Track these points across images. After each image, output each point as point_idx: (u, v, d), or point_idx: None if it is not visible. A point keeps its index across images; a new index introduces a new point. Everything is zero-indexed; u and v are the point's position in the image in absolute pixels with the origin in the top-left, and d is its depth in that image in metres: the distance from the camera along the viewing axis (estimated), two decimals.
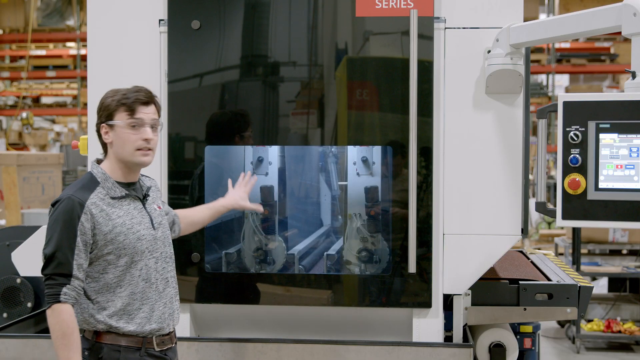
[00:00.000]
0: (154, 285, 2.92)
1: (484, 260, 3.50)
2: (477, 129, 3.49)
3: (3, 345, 3.64)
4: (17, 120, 16.36)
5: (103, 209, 2.82)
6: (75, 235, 2.77)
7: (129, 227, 2.86)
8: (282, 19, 3.54)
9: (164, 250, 2.98)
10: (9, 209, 8.65)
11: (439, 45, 3.48)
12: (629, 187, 3.01)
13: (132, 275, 2.87)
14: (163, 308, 2.94)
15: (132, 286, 2.86)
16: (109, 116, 2.88)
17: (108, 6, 3.64)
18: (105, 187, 2.87)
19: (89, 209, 2.79)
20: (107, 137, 2.89)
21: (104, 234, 2.81)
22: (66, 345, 2.74)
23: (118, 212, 2.86)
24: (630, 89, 2.94)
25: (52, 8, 16.05)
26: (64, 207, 2.79)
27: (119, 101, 2.87)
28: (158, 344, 2.91)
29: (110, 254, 2.83)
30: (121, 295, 2.85)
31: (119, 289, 2.85)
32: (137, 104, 2.88)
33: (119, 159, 2.91)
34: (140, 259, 2.88)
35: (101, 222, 2.81)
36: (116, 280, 2.85)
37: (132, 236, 2.86)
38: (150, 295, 2.90)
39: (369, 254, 3.74)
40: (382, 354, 3.44)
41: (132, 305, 2.86)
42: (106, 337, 2.85)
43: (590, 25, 3.04)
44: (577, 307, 3.64)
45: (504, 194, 3.48)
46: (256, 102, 3.56)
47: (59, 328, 2.75)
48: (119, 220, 2.85)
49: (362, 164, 3.91)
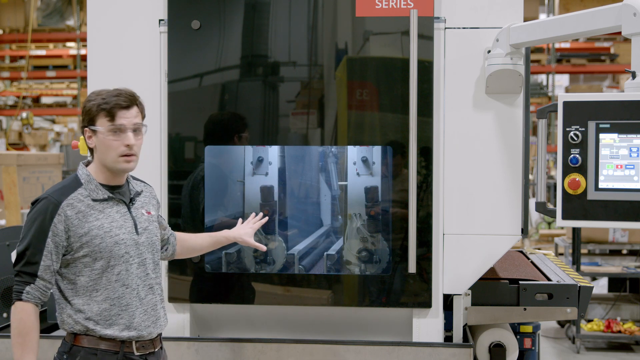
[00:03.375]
0: (135, 292, 2.85)
1: (484, 260, 3.50)
2: (477, 129, 3.49)
3: (3, 345, 3.64)
4: (17, 120, 16.36)
5: (80, 211, 2.78)
6: (46, 237, 2.75)
7: (107, 231, 2.80)
8: (282, 19, 3.54)
9: (148, 256, 2.91)
10: (9, 209, 8.65)
11: (439, 45, 3.48)
12: (629, 187, 3.01)
13: (108, 280, 2.81)
14: (143, 315, 2.87)
15: (108, 291, 2.80)
16: (91, 121, 2.82)
17: (108, 6, 3.64)
18: (88, 189, 2.83)
19: (63, 210, 2.76)
20: (90, 141, 2.85)
21: (79, 236, 2.77)
22: (21, 344, 2.73)
23: (97, 214, 2.81)
24: (630, 89, 2.94)
25: (52, 8, 16.06)
26: (40, 207, 2.78)
27: (99, 106, 2.80)
28: (138, 349, 2.85)
29: (86, 256, 2.78)
30: (97, 299, 2.80)
31: (95, 292, 2.80)
32: (117, 108, 2.79)
33: (101, 163, 2.86)
34: (117, 263, 2.81)
35: (76, 224, 2.77)
36: (92, 284, 2.80)
37: (110, 240, 2.80)
38: (130, 302, 2.84)
39: (369, 254, 3.74)
40: (382, 354, 3.44)
41: (111, 311, 2.80)
42: (84, 339, 2.80)
43: (590, 25, 3.04)
44: (577, 307, 3.64)
45: (504, 194, 3.48)
46: (256, 102, 3.56)
47: (17, 326, 2.74)
48: (97, 223, 2.79)
49: (362, 164, 3.91)
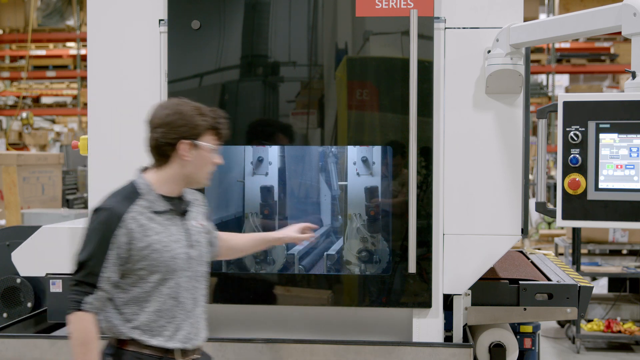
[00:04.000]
0: (183, 304, 2.84)
1: (484, 260, 3.50)
2: (477, 129, 3.49)
3: (3, 345, 3.64)
4: (17, 120, 16.36)
5: (142, 224, 2.75)
6: (108, 248, 2.70)
7: (165, 245, 2.78)
8: (282, 19, 3.54)
9: (197, 269, 2.90)
10: (9, 209, 8.65)
11: (439, 45, 3.48)
12: (629, 187, 3.01)
13: (160, 293, 2.79)
14: (189, 328, 2.86)
15: (159, 303, 2.79)
16: (195, 135, 2.78)
17: (108, 6, 3.64)
18: (148, 200, 2.79)
19: (125, 223, 2.72)
20: (186, 154, 2.78)
21: (139, 249, 2.74)
22: (84, 354, 2.70)
23: (157, 228, 2.78)
24: (630, 89, 2.94)
25: (52, 8, 16.06)
26: (104, 218, 2.73)
27: (211, 125, 2.82)
28: (181, 355, 2.84)
29: (143, 269, 2.76)
30: (147, 310, 2.78)
31: (146, 303, 2.78)
32: (223, 130, 2.87)
33: (185, 175, 2.82)
34: (171, 277, 2.80)
35: (137, 238, 2.73)
36: (144, 295, 2.78)
37: (167, 254, 2.78)
38: (177, 314, 2.82)
39: (369, 254, 3.74)
40: (382, 354, 3.44)
41: (157, 322, 2.79)
42: (130, 345, 2.78)
43: (590, 25, 3.04)
44: (577, 307, 3.64)
45: (504, 194, 3.48)
46: (256, 102, 3.55)
47: (79, 336, 2.71)
48: (156, 237, 2.77)
49: (362, 164, 3.91)
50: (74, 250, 2.80)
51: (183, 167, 2.81)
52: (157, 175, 2.83)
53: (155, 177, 2.83)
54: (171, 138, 2.77)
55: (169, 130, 2.76)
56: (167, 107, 2.82)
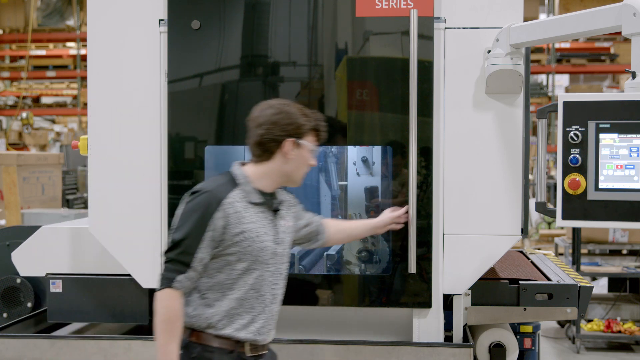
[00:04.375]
0: (262, 297, 2.89)
1: (484, 260, 3.49)
2: (477, 129, 3.49)
3: (3, 345, 3.64)
4: (17, 120, 16.37)
5: (238, 211, 2.81)
6: (205, 230, 2.76)
7: (257, 235, 2.84)
8: (282, 19, 3.54)
9: (279, 266, 2.95)
10: (9, 209, 8.65)
11: (439, 45, 3.48)
12: (629, 187, 3.01)
13: (245, 282, 2.84)
14: (264, 322, 2.90)
15: (242, 292, 2.84)
16: (300, 135, 2.89)
17: (108, 6, 3.64)
18: (244, 191, 2.86)
19: (224, 207, 2.79)
20: (290, 152, 2.88)
21: (233, 235, 2.80)
22: (168, 331, 2.73)
23: (251, 217, 2.84)
24: (630, 89, 2.94)
25: (52, 8, 16.06)
26: (203, 199, 2.80)
27: (313, 126, 2.93)
28: (251, 349, 2.88)
29: (233, 255, 2.82)
30: (230, 297, 2.83)
31: (229, 291, 2.84)
32: (323, 133, 3.00)
33: (284, 173, 2.92)
34: (257, 268, 2.86)
35: (233, 223, 2.80)
36: (229, 283, 2.84)
37: (257, 245, 2.84)
38: (255, 306, 2.87)
39: (369, 254, 3.74)
40: (382, 354, 3.44)
41: (236, 310, 2.84)
42: (201, 336, 2.83)
43: (590, 25, 3.04)
44: (577, 307, 3.64)
45: (504, 194, 3.48)
46: (256, 102, 3.54)
47: (166, 312, 2.74)
48: (250, 226, 2.83)
49: (362, 164, 3.91)
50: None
51: (284, 164, 2.90)
52: (256, 170, 2.92)
53: (253, 171, 2.91)
54: (277, 135, 2.86)
55: (275, 127, 2.86)
56: (273, 106, 2.91)
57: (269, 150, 2.89)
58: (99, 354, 3.60)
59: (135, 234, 3.62)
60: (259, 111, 2.92)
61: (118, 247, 3.65)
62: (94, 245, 3.74)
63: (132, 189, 3.63)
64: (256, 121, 2.90)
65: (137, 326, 4.09)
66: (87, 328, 4.23)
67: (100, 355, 3.60)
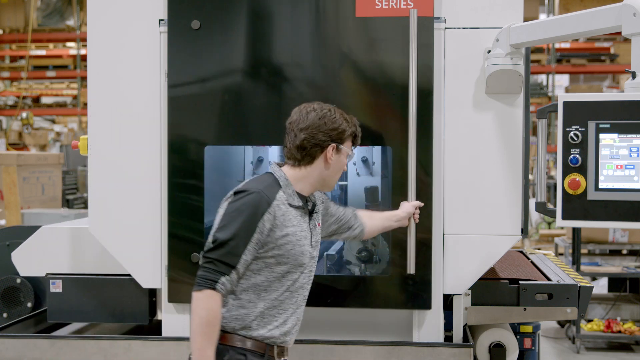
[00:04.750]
0: (295, 299, 2.86)
1: (484, 260, 3.49)
2: (477, 129, 3.49)
3: (3, 345, 3.64)
4: (17, 120, 16.37)
5: (284, 213, 2.77)
6: (253, 231, 2.70)
7: (299, 239, 2.81)
8: (283, 19, 3.52)
9: (312, 268, 2.94)
10: (9, 209, 8.65)
11: (439, 46, 3.48)
12: (629, 187, 3.01)
13: (281, 284, 2.81)
14: (293, 323, 2.88)
15: (277, 293, 2.80)
16: (341, 140, 2.88)
17: (108, 6, 3.64)
18: (286, 193, 2.82)
19: (274, 209, 2.74)
20: (331, 157, 2.86)
21: (277, 237, 2.75)
22: (207, 335, 2.65)
23: (293, 220, 2.81)
24: (630, 89, 2.94)
25: (52, 8, 16.07)
26: (252, 199, 2.72)
27: (353, 132, 2.92)
28: (278, 354, 2.85)
29: (273, 257, 2.77)
30: (265, 299, 2.79)
31: (264, 293, 2.79)
32: (359, 140, 2.98)
33: (322, 177, 2.89)
34: (294, 271, 2.83)
35: (278, 226, 2.75)
36: (266, 284, 2.79)
37: (298, 248, 2.81)
38: (288, 308, 2.84)
39: (369, 254, 3.74)
40: (382, 354, 3.44)
41: (270, 311, 2.80)
42: (233, 338, 2.77)
43: (590, 25, 3.04)
44: (577, 307, 3.64)
45: (504, 194, 3.48)
46: (257, 102, 3.54)
47: (206, 315, 2.65)
48: (293, 229, 2.79)
49: (362, 164, 3.91)
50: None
51: (324, 169, 2.88)
52: (295, 173, 2.87)
53: (292, 174, 2.87)
54: (321, 140, 2.84)
55: (319, 132, 2.84)
56: (315, 110, 2.87)
57: (310, 154, 2.85)
58: (99, 354, 3.60)
59: (135, 234, 3.62)
60: (300, 114, 2.87)
61: (118, 247, 3.65)
62: (94, 245, 3.74)
63: (132, 189, 3.63)
64: (298, 125, 2.85)
65: (137, 326, 4.09)
66: (87, 328, 4.23)
67: (100, 355, 3.60)
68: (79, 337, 3.80)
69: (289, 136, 2.89)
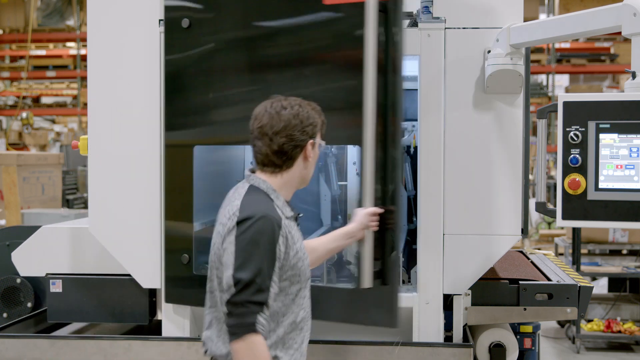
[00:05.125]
0: (307, 314, 2.68)
1: (484, 260, 3.49)
2: (477, 129, 3.48)
3: (3, 345, 3.64)
4: (17, 120, 16.37)
5: (290, 230, 2.54)
6: (275, 260, 2.46)
7: (304, 252, 2.59)
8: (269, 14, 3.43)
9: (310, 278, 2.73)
10: (9, 209, 8.65)
11: (439, 45, 3.47)
12: (629, 187, 3.01)
13: (296, 305, 2.60)
14: (306, 340, 2.68)
15: (294, 315, 2.59)
16: (315, 134, 2.66)
17: (108, 6, 3.63)
18: (278, 206, 2.58)
19: (284, 230, 2.49)
20: (310, 154, 2.64)
21: (290, 257, 2.52)
22: None
23: (295, 234, 2.57)
24: (630, 89, 2.94)
25: (52, 8, 16.07)
26: (262, 227, 2.45)
27: (322, 121, 2.69)
28: None
29: (287, 280, 2.54)
30: (284, 323, 2.57)
31: (283, 317, 2.56)
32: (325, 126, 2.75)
33: (302, 177, 2.68)
34: (305, 286, 2.63)
35: (290, 245, 2.52)
36: (283, 309, 2.56)
37: (306, 262, 2.60)
38: (303, 326, 2.64)
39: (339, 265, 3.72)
40: (382, 354, 3.43)
41: (290, 334, 2.59)
42: None
43: (590, 25, 3.04)
44: (577, 307, 3.64)
45: (503, 194, 3.48)
46: (247, 99, 3.50)
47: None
48: (298, 244, 2.57)
49: None
50: None
51: (304, 168, 2.67)
52: (277, 180, 2.64)
53: (275, 182, 2.64)
54: (301, 140, 2.61)
55: (297, 132, 2.60)
56: (286, 108, 2.62)
57: (291, 157, 2.62)
58: (99, 354, 3.60)
59: (135, 234, 3.62)
60: (270, 116, 2.61)
61: (118, 247, 3.64)
62: (94, 245, 3.74)
63: (132, 189, 3.62)
64: (272, 128, 2.59)
65: (137, 326, 4.09)
66: (87, 328, 4.23)
67: (100, 355, 3.60)
68: (79, 337, 3.80)
69: (261, 141, 2.62)
